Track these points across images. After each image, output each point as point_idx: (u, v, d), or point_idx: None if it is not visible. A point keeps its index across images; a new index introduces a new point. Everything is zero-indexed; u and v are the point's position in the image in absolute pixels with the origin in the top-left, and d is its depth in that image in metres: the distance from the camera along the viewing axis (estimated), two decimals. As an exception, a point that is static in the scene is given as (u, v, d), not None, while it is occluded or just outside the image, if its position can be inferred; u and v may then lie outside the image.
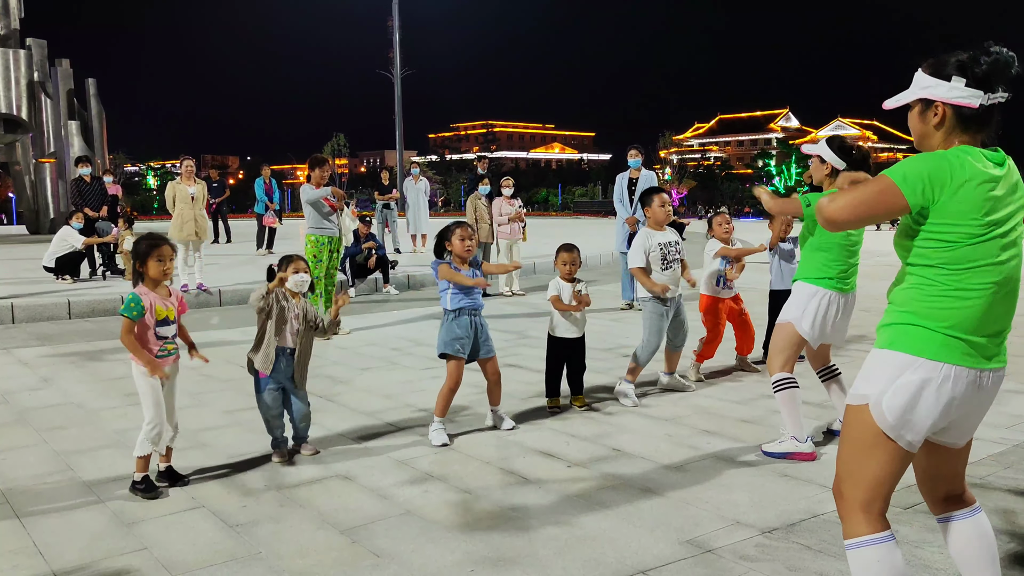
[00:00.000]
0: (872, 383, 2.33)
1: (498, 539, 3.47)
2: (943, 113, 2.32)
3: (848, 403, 2.41)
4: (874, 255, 13.87)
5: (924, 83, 2.35)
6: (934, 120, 2.34)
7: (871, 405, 2.31)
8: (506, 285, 11.64)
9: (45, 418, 5.40)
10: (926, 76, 2.35)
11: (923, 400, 2.25)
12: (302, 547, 3.42)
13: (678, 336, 5.83)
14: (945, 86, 2.30)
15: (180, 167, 11.37)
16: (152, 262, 4.04)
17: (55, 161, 23.28)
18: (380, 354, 7.50)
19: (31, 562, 3.30)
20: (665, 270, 5.65)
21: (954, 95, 2.29)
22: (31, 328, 9.13)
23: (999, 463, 4.33)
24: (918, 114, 2.39)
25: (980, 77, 2.26)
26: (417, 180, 16.99)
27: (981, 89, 2.26)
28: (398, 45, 38.60)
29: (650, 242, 5.64)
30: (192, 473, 4.29)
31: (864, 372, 2.39)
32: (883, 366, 2.32)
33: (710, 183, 59.95)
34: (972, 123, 2.30)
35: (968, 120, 2.30)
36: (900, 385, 2.27)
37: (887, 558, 2.32)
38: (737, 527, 3.58)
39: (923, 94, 2.35)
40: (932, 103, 2.33)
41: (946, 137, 2.34)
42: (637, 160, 9.86)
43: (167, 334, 4.07)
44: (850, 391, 2.41)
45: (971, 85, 2.27)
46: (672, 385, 5.99)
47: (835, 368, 4.82)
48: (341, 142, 70.03)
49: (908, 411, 2.26)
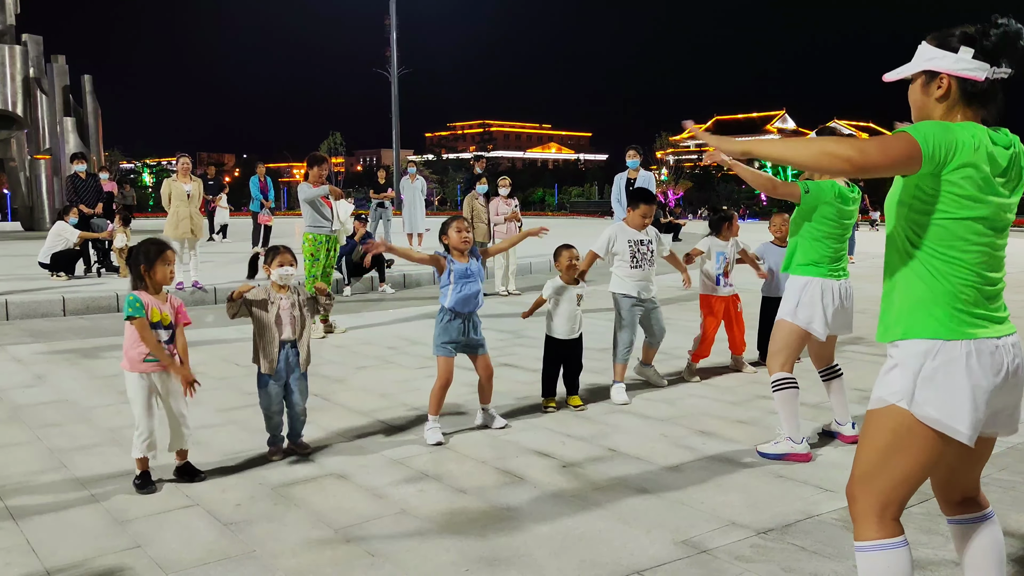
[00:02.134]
0: (896, 381, 2.25)
1: (493, 539, 3.46)
2: (948, 86, 2.25)
3: (871, 408, 2.33)
4: (870, 256, 13.90)
5: (929, 55, 2.28)
6: (937, 93, 2.27)
7: (906, 403, 2.22)
8: (502, 285, 11.64)
9: (39, 415, 5.38)
10: (931, 48, 2.28)
11: (956, 383, 2.18)
12: (296, 546, 3.41)
13: (653, 338, 5.93)
14: (952, 57, 2.23)
15: (176, 164, 11.33)
16: (159, 265, 4.04)
17: (50, 158, 23.23)
18: (375, 353, 7.49)
19: (24, 560, 3.29)
20: (634, 268, 5.69)
21: (960, 67, 2.22)
22: (25, 325, 9.10)
23: (994, 465, 4.33)
24: (920, 86, 2.31)
25: (988, 49, 2.20)
26: (414, 179, 16.96)
27: (988, 62, 2.20)
28: (395, 44, 38.60)
29: (620, 236, 5.69)
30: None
31: (884, 375, 2.31)
32: (903, 361, 2.25)
33: (707, 184, 59.97)
34: (976, 98, 2.25)
35: (971, 95, 2.24)
36: (927, 375, 2.20)
37: (897, 564, 2.26)
38: (732, 528, 3.57)
39: (927, 66, 2.28)
40: (936, 75, 2.26)
41: (948, 111, 2.28)
42: (635, 161, 9.88)
43: (160, 339, 4.03)
44: (872, 396, 2.34)
45: (978, 57, 2.21)
46: (646, 376, 6.06)
47: (837, 368, 4.79)
48: (338, 140, 70.05)
49: (948, 398, 2.18)
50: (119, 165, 60.84)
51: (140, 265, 4.04)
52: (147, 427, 3.98)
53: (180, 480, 4.15)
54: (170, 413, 4.08)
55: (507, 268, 11.64)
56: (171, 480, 4.15)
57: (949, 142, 2.16)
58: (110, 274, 12.54)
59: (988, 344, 2.21)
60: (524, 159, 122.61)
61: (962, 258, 2.22)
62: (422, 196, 17.12)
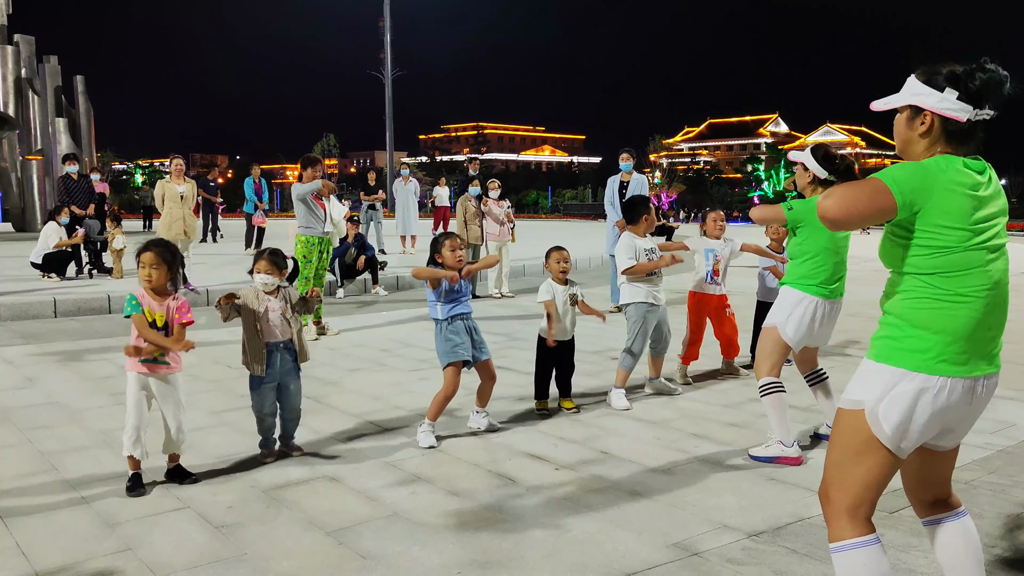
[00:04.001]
0: (868, 390, 2.32)
1: (485, 541, 3.46)
2: (931, 122, 2.32)
3: (841, 407, 2.41)
4: (864, 260, 13.94)
5: (916, 90, 2.35)
6: (921, 128, 2.34)
7: (867, 412, 2.31)
8: (495, 287, 11.64)
9: (29, 417, 5.36)
10: (919, 83, 2.34)
11: (919, 410, 2.26)
12: (288, 549, 3.40)
13: (660, 343, 5.88)
14: (936, 96, 2.30)
15: (169, 166, 11.30)
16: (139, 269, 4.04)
17: (42, 159, 23.12)
18: (368, 355, 7.48)
19: (14, 562, 3.27)
20: (649, 275, 5.68)
21: (944, 106, 2.29)
22: (16, 326, 9.05)
23: (983, 468, 4.36)
24: (906, 120, 2.39)
25: (972, 92, 2.26)
26: (407, 181, 16.98)
27: (971, 104, 2.27)
28: (389, 46, 38.59)
29: (637, 245, 5.68)
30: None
31: (859, 378, 2.38)
32: (879, 375, 2.32)
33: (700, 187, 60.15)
34: (956, 136, 2.31)
35: (953, 133, 2.31)
36: (896, 395, 2.27)
37: (872, 561, 2.32)
38: (724, 530, 3.58)
39: (913, 100, 2.35)
40: (921, 111, 2.33)
41: (929, 146, 2.35)
42: (629, 164, 9.89)
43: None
44: (843, 395, 2.41)
45: (962, 99, 2.27)
46: (658, 388, 6.01)
47: (823, 372, 4.84)
48: (331, 142, 70.00)
49: (905, 421, 2.27)
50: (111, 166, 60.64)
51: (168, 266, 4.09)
52: (133, 424, 3.98)
53: (171, 481, 4.13)
54: (165, 418, 4.08)
55: (500, 271, 11.64)
56: (162, 482, 4.14)
57: (923, 184, 2.22)
58: (102, 275, 12.49)
59: (966, 383, 2.28)
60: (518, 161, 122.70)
61: (961, 287, 2.25)
62: (415, 198, 17.14)
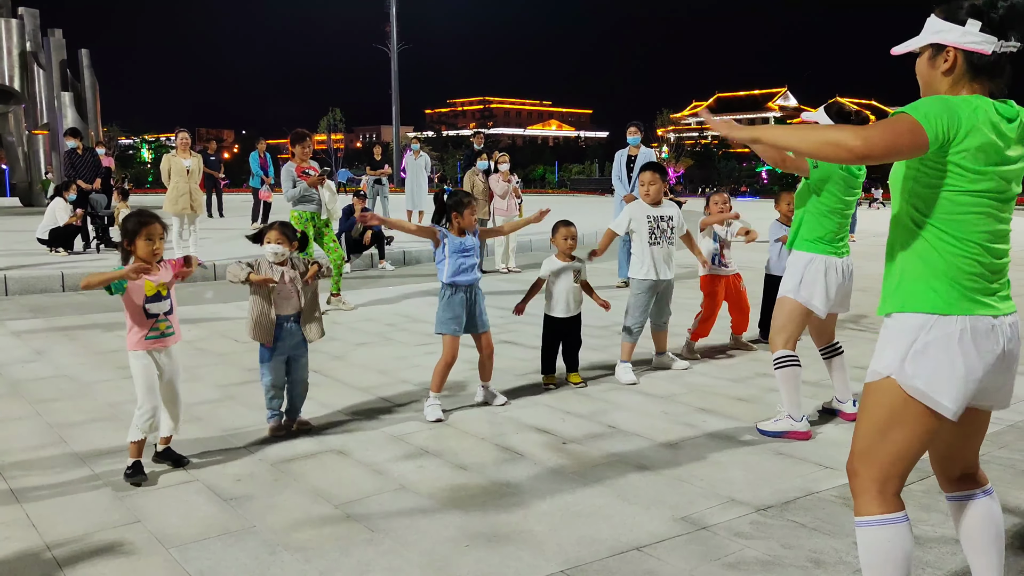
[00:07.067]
0: (889, 354, 2.26)
1: (493, 515, 3.47)
2: (954, 59, 2.24)
3: (867, 381, 2.35)
4: (873, 235, 13.87)
5: (936, 27, 2.27)
6: (944, 66, 2.26)
7: (895, 375, 2.23)
8: (502, 262, 11.62)
9: (38, 390, 5.37)
10: (939, 20, 2.26)
11: (948, 358, 2.18)
12: (296, 521, 3.41)
13: (661, 316, 5.85)
14: (959, 30, 2.22)
15: (175, 140, 11.25)
16: (141, 241, 3.84)
17: (48, 133, 23.08)
18: (375, 330, 7.48)
19: (24, 534, 3.29)
20: (653, 244, 5.61)
21: (967, 40, 2.21)
22: (24, 300, 9.08)
23: (994, 443, 4.34)
24: (927, 60, 2.30)
25: (995, 22, 2.18)
26: (417, 156, 16.86)
27: (995, 35, 2.19)
28: (395, 19, 38.25)
29: (639, 212, 5.61)
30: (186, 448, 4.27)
31: (879, 347, 2.32)
32: (897, 334, 2.25)
33: (707, 162, 59.72)
34: (982, 71, 2.23)
35: (978, 68, 2.23)
36: (919, 348, 2.20)
37: (898, 539, 2.27)
38: (732, 504, 3.58)
39: (934, 39, 2.27)
40: (943, 48, 2.25)
41: (953, 84, 2.26)
42: (636, 137, 9.80)
43: (158, 311, 3.88)
44: (869, 369, 2.34)
45: (985, 30, 2.19)
46: (662, 363, 5.99)
47: (838, 345, 4.80)
48: (337, 117, 69.57)
49: (936, 372, 2.18)
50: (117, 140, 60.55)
51: (123, 240, 3.90)
52: (150, 405, 3.87)
53: (160, 463, 4.04)
54: (166, 394, 4.00)
55: (507, 246, 11.61)
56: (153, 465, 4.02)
57: (951, 120, 2.14)
58: (109, 250, 12.50)
59: (985, 322, 2.21)
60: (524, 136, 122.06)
61: (967, 231, 2.20)
62: (426, 173, 17.01)
